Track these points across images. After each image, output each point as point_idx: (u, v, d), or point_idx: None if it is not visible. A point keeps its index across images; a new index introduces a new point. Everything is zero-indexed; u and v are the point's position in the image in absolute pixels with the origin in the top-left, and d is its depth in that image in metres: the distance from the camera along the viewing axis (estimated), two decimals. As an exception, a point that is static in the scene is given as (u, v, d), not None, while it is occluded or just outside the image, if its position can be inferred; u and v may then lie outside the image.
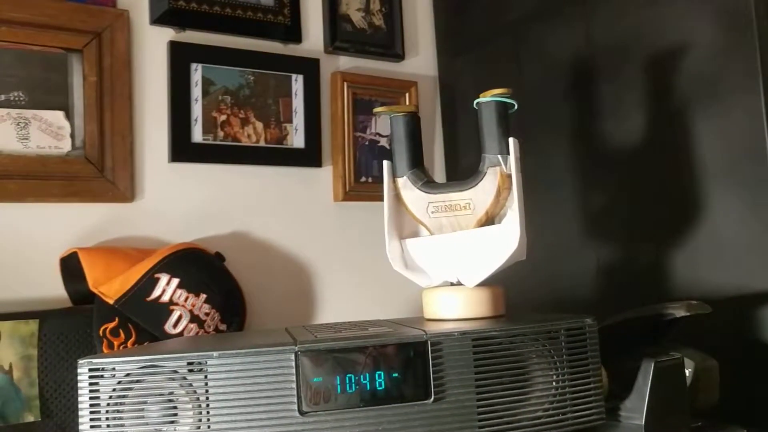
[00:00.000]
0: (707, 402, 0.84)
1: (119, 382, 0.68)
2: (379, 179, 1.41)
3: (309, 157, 1.35)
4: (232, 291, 1.14)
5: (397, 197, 0.89)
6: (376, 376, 0.69)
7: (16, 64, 1.09)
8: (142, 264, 1.06)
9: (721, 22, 0.99)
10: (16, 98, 1.09)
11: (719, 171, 1.01)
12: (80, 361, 0.69)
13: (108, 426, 0.67)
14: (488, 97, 0.83)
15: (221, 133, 1.27)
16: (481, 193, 0.83)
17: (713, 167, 1.02)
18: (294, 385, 0.68)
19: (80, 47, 1.14)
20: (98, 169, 1.15)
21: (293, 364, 0.68)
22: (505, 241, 0.82)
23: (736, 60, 0.98)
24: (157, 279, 1.04)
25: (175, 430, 0.68)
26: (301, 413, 0.67)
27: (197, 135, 1.24)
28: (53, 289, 1.08)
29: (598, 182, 1.19)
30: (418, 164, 0.89)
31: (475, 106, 0.86)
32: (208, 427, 0.67)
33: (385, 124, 1.44)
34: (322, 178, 1.38)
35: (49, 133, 1.12)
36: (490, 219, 0.85)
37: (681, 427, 0.79)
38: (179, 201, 1.22)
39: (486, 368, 0.72)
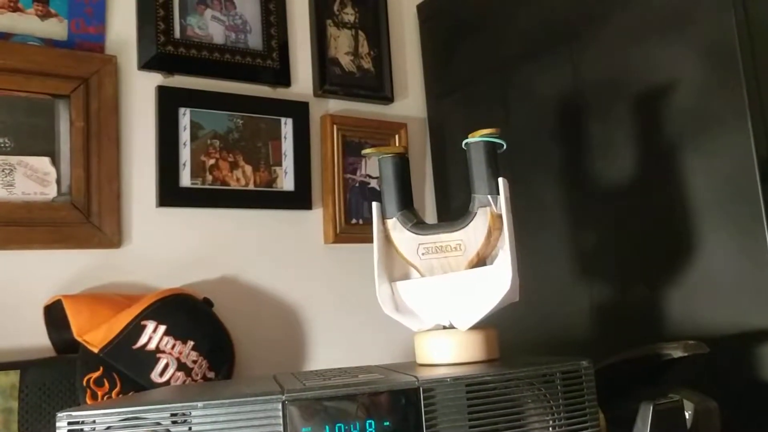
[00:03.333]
0: (709, 445, 0.82)
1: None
2: (370, 220, 1.40)
3: (299, 199, 1.34)
4: (220, 337, 1.11)
5: (387, 239, 0.87)
6: (367, 425, 0.67)
7: (2, 110, 1.09)
8: (128, 311, 1.04)
9: (709, 59, 0.99)
10: (2, 144, 1.08)
11: (710, 208, 1.01)
12: (59, 414, 0.66)
13: (88, 482, 0.65)
14: (477, 138, 0.82)
15: (210, 177, 1.26)
16: (472, 234, 0.82)
17: (704, 204, 1.02)
18: (281, 437, 0.65)
19: (67, 93, 1.14)
20: (84, 215, 1.13)
21: (281, 413, 0.65)
22: (497, 282, 0.80)
23: (724, 97, 0.99)
24: (144, 326, 1.02)
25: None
26: (290, 466, 0.65)
27: (185, 179, 1.23)
28: (36, 339, 1.05)
29: (589, 221, 1.18)
30: (407, 205, 0.88)
31: (464, 146, 0.85)
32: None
33: (375, 165, 1.43)
34: (313, 221, 1.37)
35: (34, 179, 1.10)
36: (481, 260, 0.83)
37: (683, 472, 0.77)
38: (167, 246, 1.20)
39: (480, 414, 0.69)
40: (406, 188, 0.88)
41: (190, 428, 0.65)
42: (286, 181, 1.33)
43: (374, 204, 0.88)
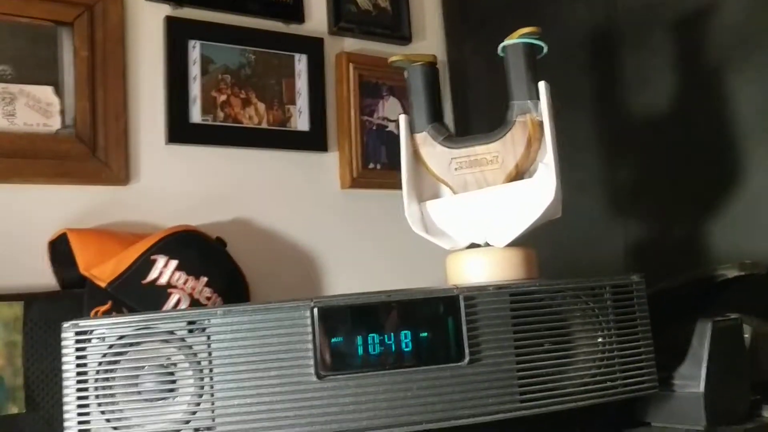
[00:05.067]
0: (766, 371, 0.76)
1: (110, 347, 0.59)
2: (389, 166, 1.34)
3: (314, 140, 1.28)
4: (234, 276, 1.06)
5: (416, 155, 0.81)
6: (403, 336, 0.61)
7: (2, 36, 1.02)
8: (137, 246, 0.98)
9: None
10: (2, 72, 1.02)
11: (755, 133, 0.94)
12: (65, 325, 0.60)
13: (97, 397, 0.59)
14: (516, 39, 0.76)
15: (221, 114, 1.19)
16: (510, 145, 0.76)
17: (749, 130, 0.95)
18: (310, 346, 0.59)
19: (70, 20, 1.07)
20: (90, 149, 1.07)
21: (309, 321, 0.59)
22: (537, 196, 0.74)
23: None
24: (154, 261, 0.96)
25: (174, 399, 0.59)
26: (319, 377, 0.59)
27: (196, 115, 1.17)
28: (40, 276, 0.99)
29: (624, 157, 1.11)
30: (437, 118, 0.81)
31: (500, 52, 0.79)
32: (212, 395, 0.58)
33: (393, 107, 1.37)
34: (328, 164, 1.30)
35: (37, 110, 1.04)
36: (520, 173, 0.77)
37: (742, 396, 0.71)
38: (177, 185, 1.14)
39: (526, 327, 0.63)
40: (436, 100, 0.81)
41: (209, 337, 0.59)
42: (301, 121, 1.27)
43: (401, 117, 0.82)
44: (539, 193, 0.74)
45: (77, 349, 0.59)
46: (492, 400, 0.61)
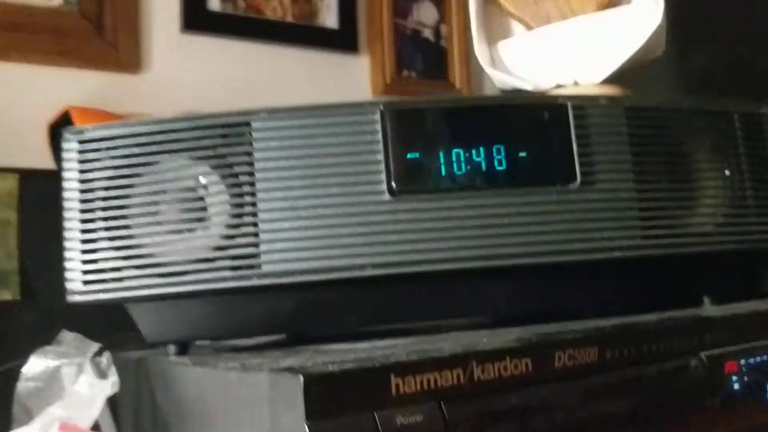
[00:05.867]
0: None
1: (122, 160, 0.46)
2: (424, 74, 1.22)
3: (343, 39, 1.15)
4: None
5: (485, -11, 0.68)
6: (495, 152, 0.48)
7: None
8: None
9: None
10: (-4, -65, 0.89)
11: None
12: (66, 133, 0.47)
13: (106, 223, 0.46)
14: None
15: (242, 4, 1.06)
16: (603, -37, 0.63)
17: None
18: (380, 157, 0.46)
19: None
20: (95, 29, 0.94)
21: (379, 127, 0.46)
22: (637, 25, 0.61)
23: None
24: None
25: (203, 227, 0.46)
26: (392, 194, 0.46)
27: (214, 2, 1.04)
28: (38, 160, 0.86)
29: None
30: (512, -56, 0.68)
31: None
32: (254, 215, 0.45)
33: (428, 12, 1.24)
34: (359, 67, 1.17)
35: (34, -21, 0.91)
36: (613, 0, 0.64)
37: None
38: (192, 77, 1.01)
39: (645, 150, 0.50)
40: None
41: (251, 144, 0.46)
42: (329, 17, 1.14)
43: (469, -55, 0.69)
44: (638, 21, 0.61)
45: (80, 162, 0.47)
46: (609, 234, 0.48)
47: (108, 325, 0.55)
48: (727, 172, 0.53)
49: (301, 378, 0.29)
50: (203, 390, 0.41)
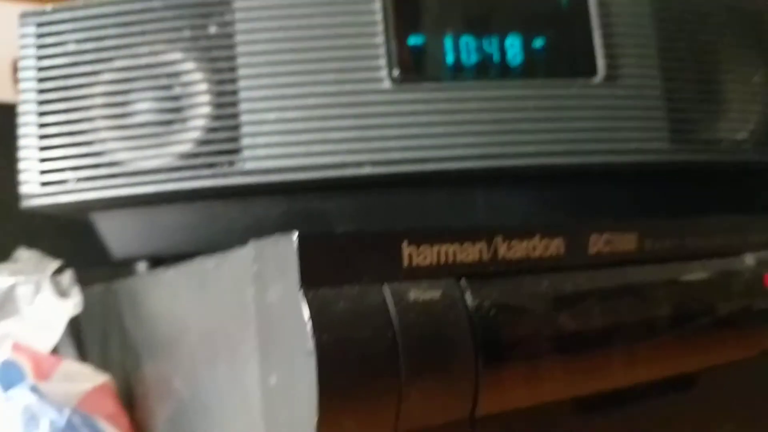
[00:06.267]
0: None
1: (83, 45, 0.41)
2: None
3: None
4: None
5: None
6: (509, 43, 0.42)
7: None
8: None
9: None
10: None
11: None
12: (21, 15, 0.41)
13: (66, 112, 0.40)
14: None
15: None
16: None
17: None
18: (381, 39, 0.41)
19: None
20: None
21: (379, 5, 0.41)
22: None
23: None
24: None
25: (180, 121, 0.40)
26: (394, 81, 0.40)
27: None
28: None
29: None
30: None
31: None
32: (234, 105, 0.40)
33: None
34: None
35: None
36: None
37: None
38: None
39: (674, 43, 0.45)
40: None
41: (233, 24, 0.40)
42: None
43: None
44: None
45: (38, 47, 0.41)
46: (636, 135, 0.43)
47: (71, 245, 0.50)
48: (757, 78, 0.48)
49: (295, 238, 0.24)
50: (177, 296, 0.35)
